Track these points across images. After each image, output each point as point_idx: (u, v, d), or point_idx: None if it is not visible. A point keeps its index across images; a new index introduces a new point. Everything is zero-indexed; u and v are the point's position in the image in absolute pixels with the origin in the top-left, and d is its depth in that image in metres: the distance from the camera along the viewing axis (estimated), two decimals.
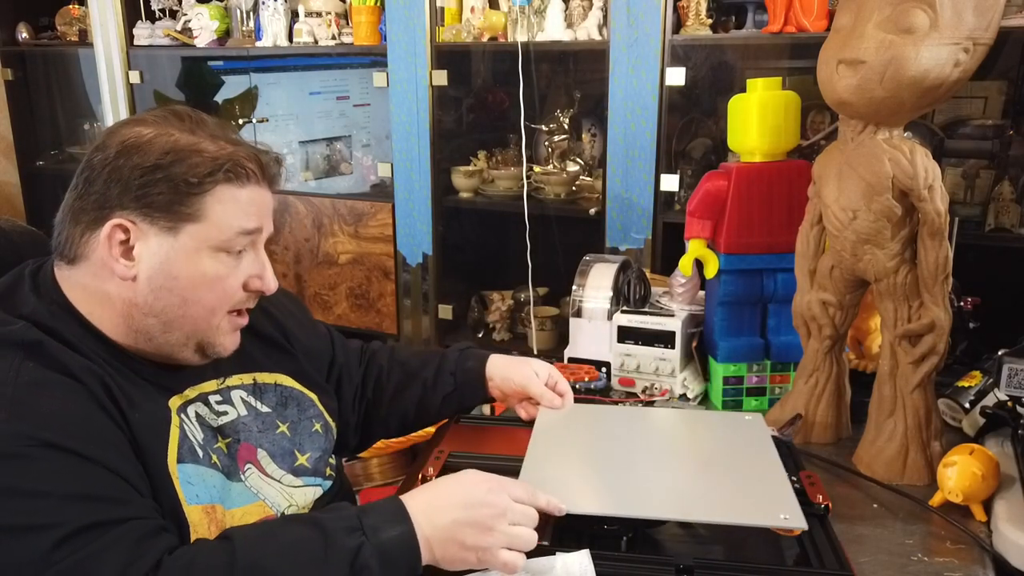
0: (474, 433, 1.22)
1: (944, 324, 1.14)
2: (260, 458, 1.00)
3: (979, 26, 1.06)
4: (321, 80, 2.77)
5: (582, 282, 1.56)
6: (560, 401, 1.19)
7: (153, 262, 0.88)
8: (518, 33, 2.18)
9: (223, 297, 0.93)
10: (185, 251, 0.89)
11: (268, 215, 0.96)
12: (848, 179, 1.16)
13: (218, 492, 0.92)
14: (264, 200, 0.95)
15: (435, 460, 1.08)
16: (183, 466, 0.89)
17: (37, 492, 0.75)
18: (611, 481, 0.99)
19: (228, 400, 1.00)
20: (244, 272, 0.94)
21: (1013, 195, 1.81)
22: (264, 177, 0.94)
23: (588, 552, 0.87)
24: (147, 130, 0.89)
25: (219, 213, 0.89)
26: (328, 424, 1.10)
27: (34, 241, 1.15)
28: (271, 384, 1.05)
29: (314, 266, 2.60)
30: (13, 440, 0.76)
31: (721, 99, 2.09)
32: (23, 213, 3.23)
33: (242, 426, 0.99)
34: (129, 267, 0.88)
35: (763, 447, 1.07)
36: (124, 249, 0.88)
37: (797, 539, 0.96)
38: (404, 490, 1.02)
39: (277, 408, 1.04)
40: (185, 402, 0.95)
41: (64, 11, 3.00)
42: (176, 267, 0.89)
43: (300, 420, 1.06)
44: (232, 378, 1.02)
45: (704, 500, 0.95)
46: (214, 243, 0.90)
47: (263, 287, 0.96)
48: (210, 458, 0.93)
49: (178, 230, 0.88)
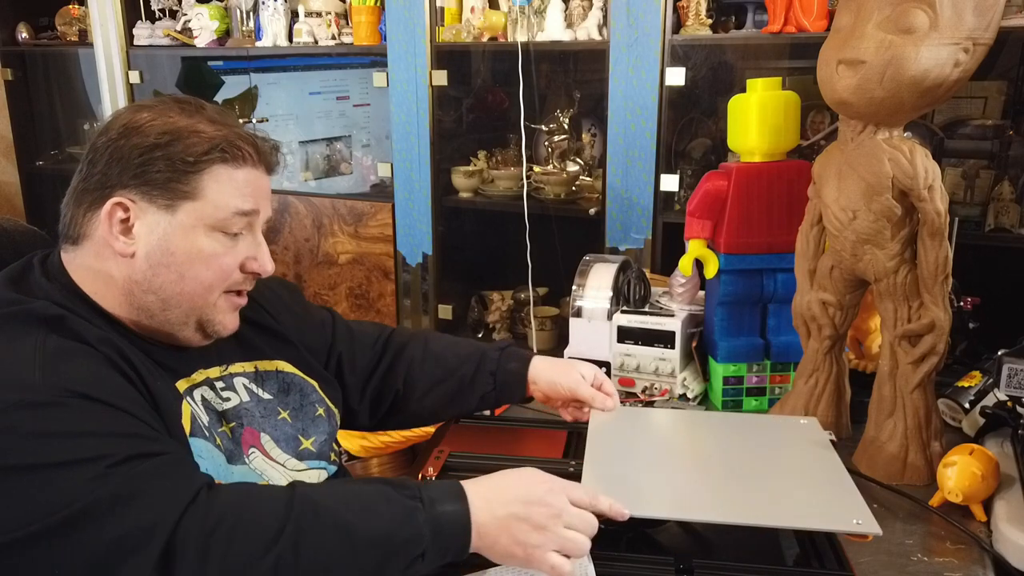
0: (474, 433, 1.22)
1: (944, 324, 1.14)
2: (264, 442, 1.02)
3: (979, 26, 1.06)
4: (321, 80, 2.77)
5: (582, 282, 1.56)
6: (612, 402, 1.17)
7: (151, 239, 0.91)
8: (518, 33, 2.18)
9: (219, 275, 0.95)
10: (182, 228, 0.92)
11: (265, 198, 0.98)
12: (848, 179, 1.17)
13: (221, 473, 0.94)
14: (260, 183, 0.97)
15: (435, 460, 1.08)
16: (195, 440, 0.92)
17: (81, 431, 0.78)
18: (674, 484, 0.97)
19: (231, 386, 1.02)
20: (241, 253, 0.96)
21: (1013, 195, 1.81)
22: (260, 160, 0.97)
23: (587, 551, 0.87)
24: (148, 114, 0.93)
25: (215, 192, 0.92)
26: (331, 409, 1.12)
27: (34, 241, 1.15)
28: (272, 371, 1.08)
29: (314, 266, 2.60)
30: (49, 391, 0.79)
31: (721, 99, 2.09)
32: (23, 213, 3.23)
33: (244, 411, 1.02)
34: (128, 244, 0.91)
35: (823, 451, 1.04)
36: (124, 227, 0.91)
37: (797, 539, 0.96)
38: None
39: (279, 395, 1.07)
40: (191, 385, 0.98)
41: (64, 11, 2.99)
42: (173, 243, 0.92)
43: (303, 406, 1.08)
44: (235, 365, 1.04)
45: (771, 504, 0.92)
46: (210, 221, 0.93)
47: (260, 268, 0.98)
48: (215, 439, 0.96)
49: (175, 207, 0.91)
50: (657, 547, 0.98)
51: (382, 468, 2.16)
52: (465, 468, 1.07)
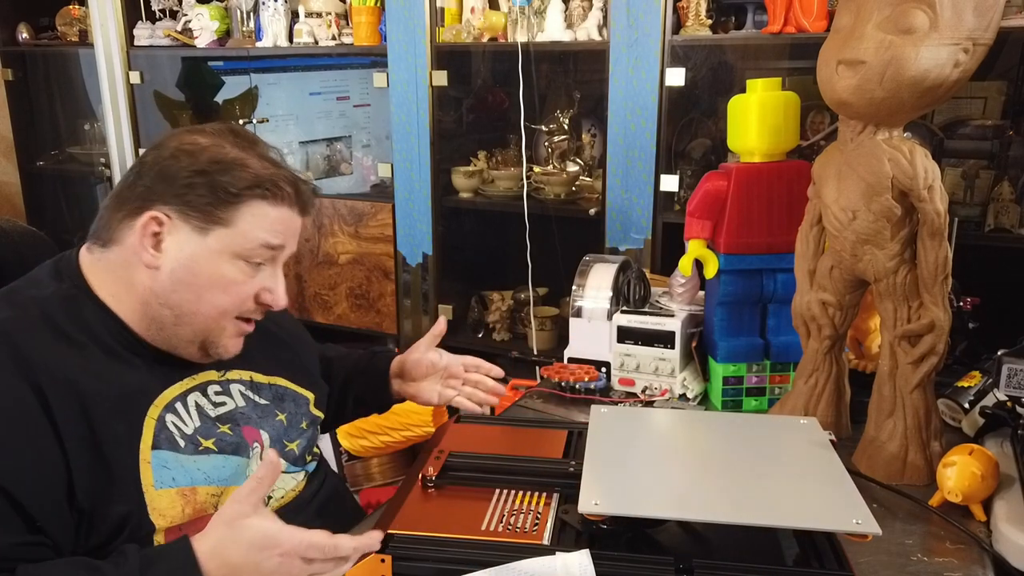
0: (475, 432, 1.23)
1: (944, 324, 1.14)
2: (264, 440, 1.06)
3: (979, 26, 1.06)
4: (321, 80, 2.77)
5: (582, 282, 1.56)
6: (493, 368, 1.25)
7: (179, 256, 0.95)
8: (518, 33, 2.18)
9: (235, 301, 0.98)
10: (210, 252, 0.95)
11: (294, 237, 1.03)
12: (848, 179, 1.17)
13: (203, 475, 0.97)
14: (292, 223, 1.02)
15: (435, 460, 1.08)
16: (159, 452, 0.93)
17: None
18: (674, 484, 0.97)
19: (227, 392, 1.05)
20: (258, 283, 1.00)
21: (1013, 195, 1.81)
22: (297, 202, 1.01)
23: (588, 552, 0.87)
24: (203, 140, 0.97)
25: (249, 224, 0.96)
26: (315, 420, 1.16)
27: (34, 241, 1.16)
28: (266, 384, 1.11)
29: (314, 266, 2.60)
30: None
31: (721, 99, 2.09)
32: (23, 213, 3.23)
33: (240, 415, 1.05)
34: (156, 257, 0.95)
35: (823, 451, 1.04)
36: (155, 240, 0.95)
37: (797, 539, 0.96)
38: (405, 489, 1.03)
39: (274, 401, 1.10)
40: (185, 391, 1.00)
41: (64, 11, 3.00)
42: (199, 265, 0.95)
43: (295, 414, 1.12)
44: (232, 372, 1.07)
45: (771, 504, 0.92)
46: (237, 250, 0.96)
47: (273, 302, 1.02)
48: (197, 446, 0.98)
49: (208, 231, 0.95)
50: (657, 547, 0.98)
51: (382, 468, 2.16)
52: (465, 468, 1.07)
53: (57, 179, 3.21)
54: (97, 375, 0.91)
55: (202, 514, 0.95)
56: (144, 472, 0.91)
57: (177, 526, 0.93)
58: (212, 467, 0.98)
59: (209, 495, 0.96)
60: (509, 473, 1.06)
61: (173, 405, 0.98)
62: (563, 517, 0.97)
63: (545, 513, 0.98)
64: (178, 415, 0.98)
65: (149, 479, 0.91)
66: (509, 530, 0.94)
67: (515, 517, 0.97)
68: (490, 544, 0.91)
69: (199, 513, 0.95)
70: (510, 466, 1.07)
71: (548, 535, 0.94)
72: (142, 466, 0.91)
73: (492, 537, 0.93)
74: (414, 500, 1.01)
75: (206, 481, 0.97)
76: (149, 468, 0.92)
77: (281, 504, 1.06)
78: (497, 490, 1.03)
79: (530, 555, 0.86)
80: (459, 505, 1.00)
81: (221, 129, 1.00)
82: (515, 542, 0.91)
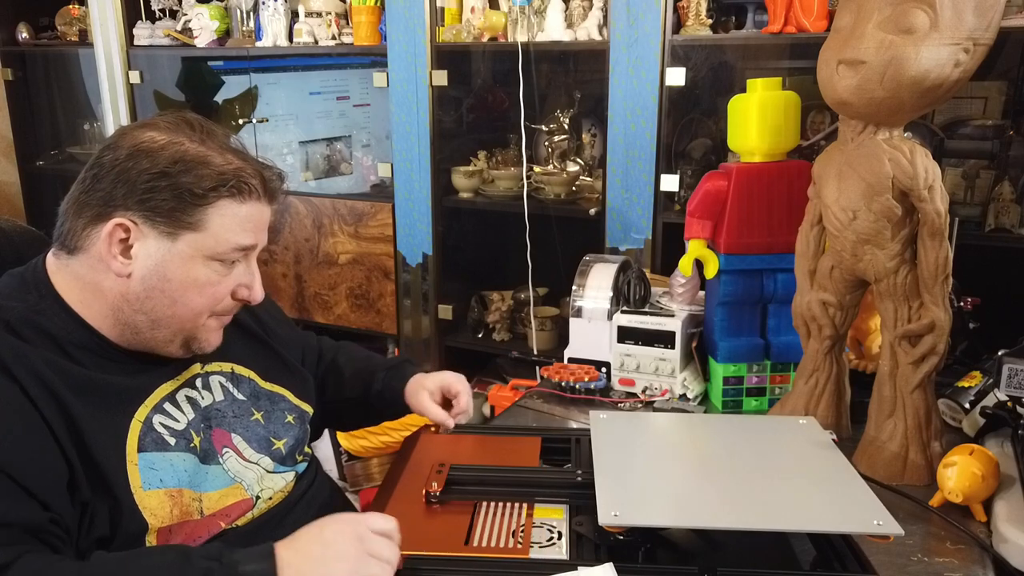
0: (448, 441, 1.20)
1: (944, 324, 1.14)
2: (236, 443, 1.03)
3: (979, 26, 1.06)
4: (321, 80, 2.77)
5: (582, 282, 1.56)
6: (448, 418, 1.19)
7: (149, 263, 0.92)
8: (518, 33, 2.18)
9: (211, 302, 0.97)
10: (181, 257, 0.93)
11: (264, 230, 1.00)
12: (848, 179, 1.16)
13: (188, 477, 0.95)
14: (262, 216, 0.99)
15: (437, 475, 1.04)
16: (145, 454, 0.92)
17: None
18: (689, 492, 0.94)
19: (207, 385, 1.04)
20: (234, 280, 0.98)
21: (1013, 195, 1.81)
22: (265, 193, 0.98)
23: (612, 565, 0.84)
24: (159, 136, 0.93)
25: (218, 226, 0.93)
26: (303, 413, 1.13)
27: (34, 241, 1.15)
28: (246, 377, 1.10)
29: (314, 266, 2.60)
30: None
31: (721, 99, 2.09)
32: (23, 213, 3.23)
33: (215, 412, 1.03)
34: (126, 265, 0.92)
35: (828, 451, 1.03)
36: (123, 247, 0.92)
37: (813, 542, 0.94)
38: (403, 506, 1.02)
39: (251, 398, 1.09)
40: (173, 390, 0.99)
41: (64, 11, 3.00)
42: (170, 270, 0.93)
43: (273, 411, 1.10)
44: (212, 364, 1.06)
45: (789, 508, 0.91)
46: (209, 253, 0.94)
47: (250, 297, 1.00)
48: (188, 442, 0.97)
49: (177, 236, 0.92)
50: (675, 555, 0.95)
51: (382, 468, 2.16)
52: (470, 482, 1.04)
53: (57, 179, 3.21)
54: (75, 388, 0.89)
55: (188, 517, 0.94)
56: (132, 474, 0.90)
57: (167, 527, 0.92)
58: (188, 470, 0.96)
59: (192, 499, 0.95)
60: (516, 485, 1.03)
61: (162, 406, 0.97)
62: (577, 529, 0.94)
63: (558, 526, 0.95)
64: (168, 415, 0.97)
65: (137, 481, 0.91)
66: (521, 546, 0.91)
67: (529, 531, 0.94)
68: (511, 562, 0.88)
69: (185, 516, 0.94)
70: (517, 478, 1.05)
71: (565, 548, 0.91)
72: (129, 468, 0.90)
73: (509, 554, 0.90)
74: (417, 517, 0.98)
75: (190, 485, 0.95)
76: (137, 470, 0.91)
77: (270, 505, 1.04)
78: (505, 504, 1.00)
79: (552, 571, 0.84)
80: (465, 522, 0.96)
81: (176, 121, 0.95)
82: (536, 558, 0.89)
